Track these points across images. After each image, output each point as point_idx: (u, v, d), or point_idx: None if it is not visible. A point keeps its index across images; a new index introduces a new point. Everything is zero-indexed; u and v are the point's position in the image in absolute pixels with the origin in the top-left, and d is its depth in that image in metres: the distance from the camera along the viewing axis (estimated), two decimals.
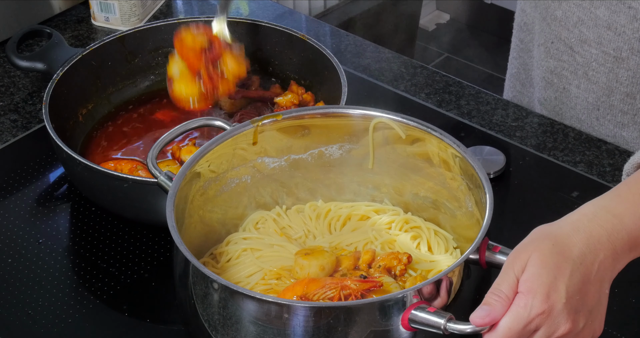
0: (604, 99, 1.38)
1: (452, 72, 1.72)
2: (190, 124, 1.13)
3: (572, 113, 1.43)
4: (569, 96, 1.41)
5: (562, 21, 1.36)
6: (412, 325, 0.92)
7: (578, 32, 1.34)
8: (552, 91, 1.44)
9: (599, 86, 1.37)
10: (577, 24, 1.34)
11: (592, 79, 1.37)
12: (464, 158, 1.07)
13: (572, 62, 1.38)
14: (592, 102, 1.39)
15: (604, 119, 1.39)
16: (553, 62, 1.41)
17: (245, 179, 1.15)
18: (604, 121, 1.39)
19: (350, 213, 1.17)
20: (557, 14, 1.37)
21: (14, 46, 1.41)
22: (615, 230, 0.93)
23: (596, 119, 1.40)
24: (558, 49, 1.39)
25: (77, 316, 1.15)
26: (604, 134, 1.41)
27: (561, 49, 1.39)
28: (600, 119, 1.39)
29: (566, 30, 1.36)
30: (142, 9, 1.61)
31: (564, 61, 1.39)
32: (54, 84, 1.29)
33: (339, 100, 1.26)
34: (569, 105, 1.42)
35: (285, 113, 1.13)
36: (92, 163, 1.18)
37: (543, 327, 0.88)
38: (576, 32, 1.35)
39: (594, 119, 1.40)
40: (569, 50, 1.37)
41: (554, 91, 1.44)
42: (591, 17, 1.32)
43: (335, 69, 1.31)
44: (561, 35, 1.37)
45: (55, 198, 1.31)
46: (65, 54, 1.38)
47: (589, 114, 1.40)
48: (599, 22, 1.31)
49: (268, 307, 0.93)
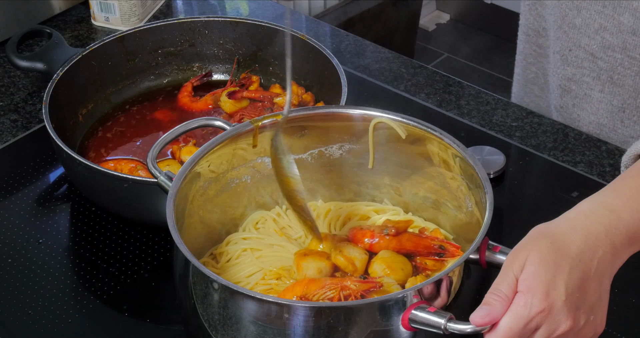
0: (631, 101, 1.37)
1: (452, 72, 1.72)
2: (191, 124, 1.13)
3: (592, 119, 1.42)
4: (591, 101, 1.41)
5: (582, 29, 1.36)
6: (413, 325, 0.92)
7: (600, 38, 1.34)
8: (569, 98, 1.44)
9: (625, 89, 1.36)
10: (598, 31, 1.34)
11: (618, 83, 1.36)
12: (464, 157, 1.07)
13: (594, 68, 1.37)
14: (618, 105, 1.39)
15: (630, 121, 1.39)
16: (571, 70, 1.40)
17: (245, 179, 1.15)
18: (629, 123, 1.39)
19: (350, 213, 1.17)
20: (575, 22, 1.36)
21: (14, 46, 1.41)
22: (613, 225, 0.93)
23: (621, 122, 1.40)
24: (577, 56, 1.39)
25: (77, 316, 1.15)
26: (628, 136, 1.40)
27: (581, 56, 1.38)
28: (626, 121, 1.39)
29: (586, 38, 1.35)
30: (142, 9, 1.61)
31: (584, 67, 1.39)
32: (54, 84, 1.29)
33: (339, 100, 1.26)
34: (589, 110, 1.42)
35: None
36: (92, 162, 1.18)
37: (544, 325, 0.88)
38: (598, 39, 1.34)
39: (618, 121, 1.40)
40: (589, 56, 1.37)
41: (572, 98, 1.43)
42: (614, 23, 1.31)
43: (335, 69, 1.31)
44: (580, 42, 1.37)
45: (55, 198, 1.31)
46: (65, 54, 1.38)
47: (612, 117, 1.40)
48: (623, 28, 1.31)
49: (268, 307, 0.93)
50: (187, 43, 1.44)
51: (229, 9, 1.69)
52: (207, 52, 1.45)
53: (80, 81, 1.35)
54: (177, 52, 1.45)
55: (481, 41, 3.40)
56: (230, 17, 1.43)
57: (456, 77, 1.51)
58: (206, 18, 1.43)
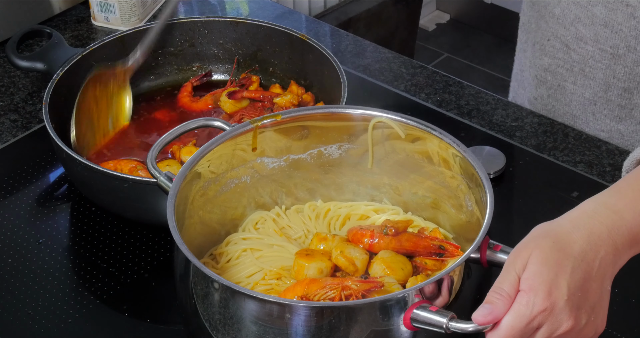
0: (601, 94, 1.38)
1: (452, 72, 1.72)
2: (190, 124, 1.13)
3: (565, 110, 1.43)
4: (564, 92, 1.42)
5: (560, 19, 1.37)
6: (414, 324, 0.92)
7: (574, 29, 1.35)
8: (544, 89, 1.45)
9: (596, 82, 1.37)
10: (573, 22, 1.35)
11: (589, 76, 1.37)
12: (464, 157, 1.07)
13: (568, 59, 1.38)
14: (589, 97, 1.39)
15: (600, 114, 1.39)
16: (547, 60, 1.42)
17: (245, 179, 1.15)
18: (600, 116, 1.40)
19: (350, 212, 1.17)
20: (555, 12, 1.37)
21: (14, 46, 1.41)
22: (615, 226, 0.93)
23: (592, 114, 1.40)
24: (554, 47, 1.40)
25: (77, 316, 1.15)
26: (598, 129, 1.41)
27: (557, 46, 1.39)
28: (597, 114, 1.40)
29: (563, 28, 1.36)
30: (142, 9, 1.61)
31: (559, 58, 1.40)
32: (54, 84, 1.29)
33: (339, 100, 1.26)
34: (564, 102, 1.43)
35: (285, 113, 1.13)
36: (92, 163, 1.18)
37: (545, 324, 0.88)
38: (572, 30, 1.35)
39: (589, 114, 1.41)
40: (564, 47, 1.38)
41: (547, 89, 1.44)
42: (588, 15, 1.32)
43: (335, 69, 1.31)
44: (557, 32, 1.38)
45: (55, 198, 1.31)
46: (65, 54, 1.38)
47: (584, 109, 1.41)
48: (596, 20, 1.32)
49: (269, 306, 0.93)
50: (187, 43, 1.44)
51: (229, 9, 1.69)
52: (207, 52, 1.45)
53: (80, 81, 1.35)
54: (177, 52, 1.44)
55: (481, 41, 3.40)
56: (230, 17, 1.43)
57: (456, 77, 1.51)
58: (206, 18, 1.43)
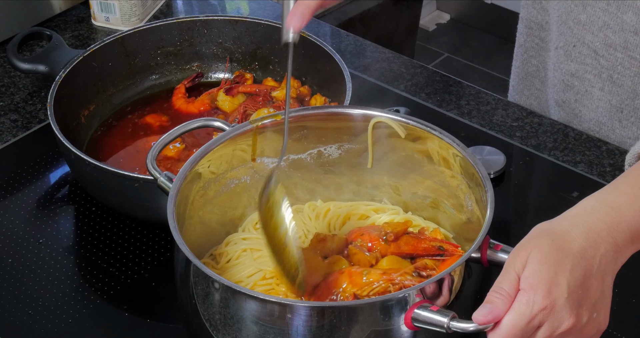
0: (629, 102, 1.37)
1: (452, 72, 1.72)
2: (190, 124, 1.13)
3: (592, 116, 1.42)
4: (591, 98, 1.41)
5: (586, 25, 1.36)
6: (415, 324, 0.92)
7: (603, 36, 1.34)
8: (571, 94, 1.43)
9: (624, 89, 1.36)
10: (602, 28, 1.34)
11: (617, 82, 1.36)
12: (464, 156, 1.07)
13: (596, 65, 1.37)
14: (616, 105, 1.38)
15: (627, 122, 1.39)
16: (574, 65, 1.40)
17: (245, 179, 1.15)
18: (627, 124, 1.39)
19: (350, 212, 1.17)
20: (580, 18, 1.36)
21: (14, 49, 1.41)
22: (614, 223, 0.93)
23: (619, 122, 1.40)
24: (581, 53, 1.39)
25: (77, 316, 1.15)
26: (625, 136, 1.40)
27: (584, 52, 1.38)
28: (624, 121, 1.39)
29: (590, 34, 1.35)
30: (142, 9, 1.61)
31: (587, 64, 1.39)
32: (56, 86, 1.29)
33: (339, 98, 1.26)
34: (590, 107, 1.42)
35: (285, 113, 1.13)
36: (101, 163, 1.18)
37: (546, 322, 0.88)
38: (601, 36, 1.34)
39: (616, 121, 1.40)
40: (592, 53, 1.37)
41: (574, 94, 1.43)
42: (617, 22, 1.31)
43: (337, 66, 1.31)
44: (584, 39, 1.37)
45: (55, 198, 1.31)
46: (66, 55, 1.38)
47: (611, 116, 1.40)
48: (626, 27, 1.31)
49: (270, 306, 0.93)
50: (186, 42, 1.44)
51: (229, 9, 1.69)
52: (206, 51, 1.45)
53: (81, 82, 1.35)
54: (176, 52, 1.45)
55: (481, 41, 3.40)
56: (229, 16, 1.43)
57: (456, 77, 1.51)
58: (205, 17, 1.43)
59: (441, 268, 1.04)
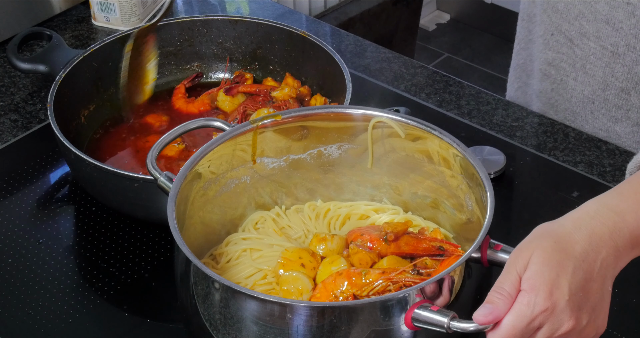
0: (599, 93, 1.38)
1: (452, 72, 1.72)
2: (190, 124, 1.12)
3: (567, 105, 1.43)
4: (566, 88, 1.42)
5: (564, 14, 1.36)
6: (415, 324, 0.92)
7: (578, 25, 1.35)
8: (549, 83, 1.44)
9: (596, 79, 1.37)
10: (577, 17, 1.34)
11: (589, 73, 1.37)
12: (463, 156, 1.07)
13: (571, 54, 1.38)
14: (588, 95, 1.39)
15: (599, 113, 1.39)
16: (552, 54, 1.42)
17: (245, 179, 1.15)
18: (598, 115, 1.40)
19: (350, 212, 1.17)
20: (558, 7, 1.37)
21: (14, 49, 1.41)
22: (617, 227, 0.93)
23: (591, 113, 1.40)
24: (558, 42, 1.40)
25: (77, 316, 1.15)
26: (597, 128, 1.41)
27: (561, 41, 1.39)
28: (595, 112, 1.40)
29: (567, 23, 1.36)
30: (142, 9, 1.61)
31: (563, 53, 1.40)
32: (57, 85, 1.29)
33: (339, 98, 1.26)
34: (565, 97, 1.43)
35: (285, 113, 1.13)
36: (101, 163, 1.18)
37: (546, 324, 0.88)
38: (576, 25, 1.35)
39: (588, 112, 1.41)
40: (568, 42, 1.38)
41: (551, 83, 1.44)
42: (591, 10, 1.32)
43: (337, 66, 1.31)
44: (562, 27, 1.38)
45: (55, 198, 1.31)
46: (66, 55, 1.38)
47: (584, 107, 1.41)
48: (599, 16, 1.32)
49: (270, 306, 0.93)
50: (186, 42, 1.44)
51: (230, 9, 1.69)
52: (206, 51, 1.45)
53: (81, 82, 1.35)
54: (176, 52, 1.45)
55: (481, 41, 3.40)
56: (229, 16, 1.43)
57: (456, 77, 1.51)
58: (205, 17, 1.43)
59: (441, 267, 1.04)
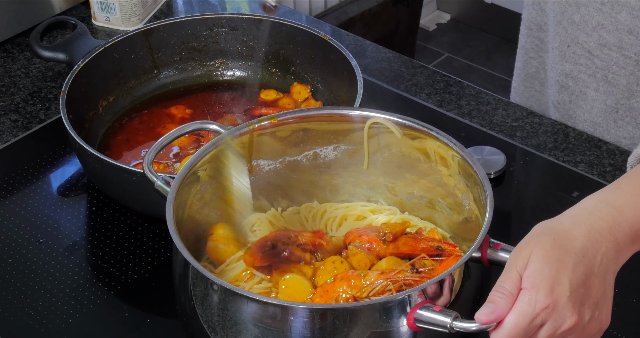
0: (624, 101, 1.37)
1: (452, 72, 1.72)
2: (185, 128, 1.12)
3: (587, 116, 1.42)
4: (586, 98, 1.41)
5: (580, 25, 1.36)
6: (418, 324, 0.92)
7: (597, 36, 1.34)
8: (566, 94, 1.43)
9: (619, 88, 1.36)
10: (596, 28, 1.34)
11: (612, 82, 1.36)
12: (461, 156, 1.07)
13: (591, 65, 1.37)
14: (611, 104, 1.38)
15: (623, 121, 1.39)
16: (569, 66, 1.40)
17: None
18: (622, 123, 1.39)
19: (346, 213, 1.17)
20: (574, 18, 1.36)
21: (37, 36, 1.40)
22: (616, 222, 0.93)
23: (614, 122, 1.40)
24: (575, 53, 1.39)
25: (77, 316, 1.15)
26: (620, 136, 1.40)
27: (578, 52, 1.38)
28: (619, 121, 1.39)
29: (584, 34, 1.35)
30: (142, 9, 1.61)
31: (581, 64, 1.39)
32: (74, 74, 1.29)
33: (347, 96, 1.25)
34: (585, 108, 1.42)
35: (281, 115, 1.13)
36: (102, 154, 1.18)
37: (549, 321, 0.88)
38: (595, 36, 1.34)
39: (611, 121, 1.40)
40: (586, 54, 1.37)
41: (569, 94, 1.43)
42: (612, 21, 1.31)
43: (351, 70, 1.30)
44: (579, 39, 1.37)
45: (55, 198, 1.31)
46: (88, 45, 1.38)
47: (606, 116, 1.40)
48: (620, 27, 1.31)
49: (268, 308, 0.93)
50: (210, 39, 1.44)
51: (230, 8, 1.69)
52: (230, 49, 1.45)
53: (101, 73, 1.35)
54: (200, 48, 1.44)
55: (481, 41, 3.40)
56: (254, 15, 1.43)
57: (456, 77, 1.51)
58: (230, 15, 1.43)
59: (440, 267, 1.04)
